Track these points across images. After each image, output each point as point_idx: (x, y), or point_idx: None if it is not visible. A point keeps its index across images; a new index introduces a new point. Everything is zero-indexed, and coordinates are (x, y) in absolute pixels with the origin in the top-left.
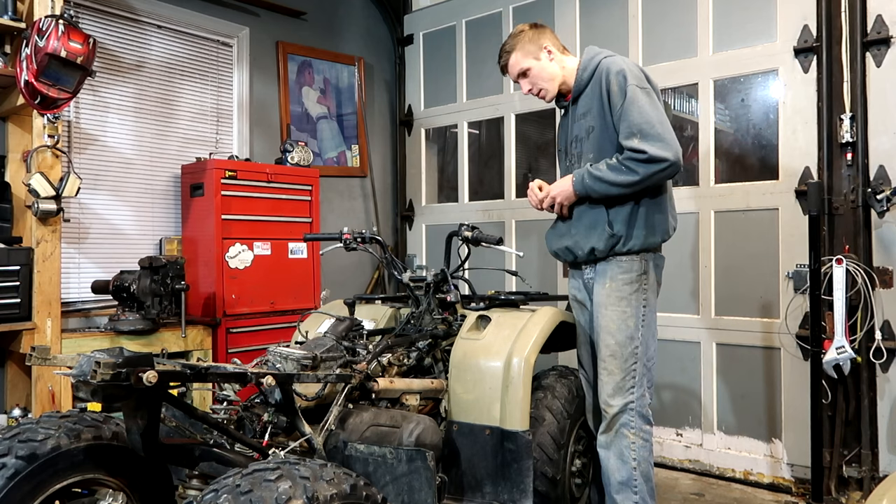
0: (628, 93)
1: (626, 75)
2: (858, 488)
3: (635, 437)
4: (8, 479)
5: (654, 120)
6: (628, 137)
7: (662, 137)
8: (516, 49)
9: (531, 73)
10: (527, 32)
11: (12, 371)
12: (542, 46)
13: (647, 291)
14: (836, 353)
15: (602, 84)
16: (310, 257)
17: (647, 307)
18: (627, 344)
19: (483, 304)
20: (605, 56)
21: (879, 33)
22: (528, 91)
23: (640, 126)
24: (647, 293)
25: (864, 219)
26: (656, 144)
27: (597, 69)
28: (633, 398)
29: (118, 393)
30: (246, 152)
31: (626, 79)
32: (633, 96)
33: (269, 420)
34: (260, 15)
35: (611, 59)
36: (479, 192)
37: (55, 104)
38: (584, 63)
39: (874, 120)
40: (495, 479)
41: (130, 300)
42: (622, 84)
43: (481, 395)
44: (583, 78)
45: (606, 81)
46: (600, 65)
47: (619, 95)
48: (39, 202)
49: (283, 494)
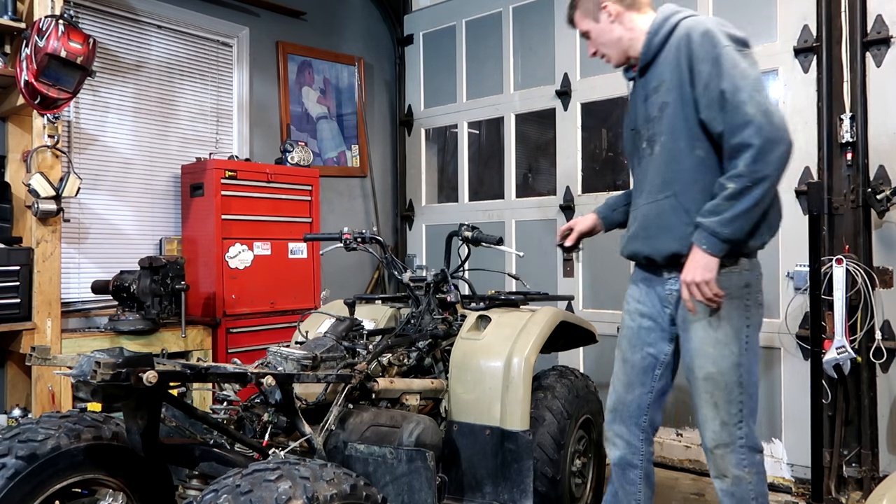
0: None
1: (716, 36)
2: (858, 488)
3: (751, 475)
4: (8, 479)
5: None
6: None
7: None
8: (578, 6)
9: (591, 35)
10: None
11: (12, 371)
12: (601, 5)
13: (751, 308)
14: (836, 353)
15: (682, 50)
16: (310, 257)
17: (749, 326)
18: (731, 373)
19: (483, 304)
20: (685, 16)
21: (879, 33)
22: (593, 54)
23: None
24: (749, 310)
25: (864, 219)
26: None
27: (673, 32)
28: (741, 433)
29: (118, 393)
30: (246, 152)
31: (717, 41)
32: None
33: (269, 420)
34: (260, 15)
35: (693, 18)
36: (479, 192)
37: (55, 104)
38: (655, 25)
39: (874, 120)
40: (495, 479)
41: (130, 300)
42: (710, 49)
43: (481, 395)
44: (653, 43)
45: (688, 48)
46: (678, 27)
47: (708, 62)
48: (39, 202)
49: (283, 494)
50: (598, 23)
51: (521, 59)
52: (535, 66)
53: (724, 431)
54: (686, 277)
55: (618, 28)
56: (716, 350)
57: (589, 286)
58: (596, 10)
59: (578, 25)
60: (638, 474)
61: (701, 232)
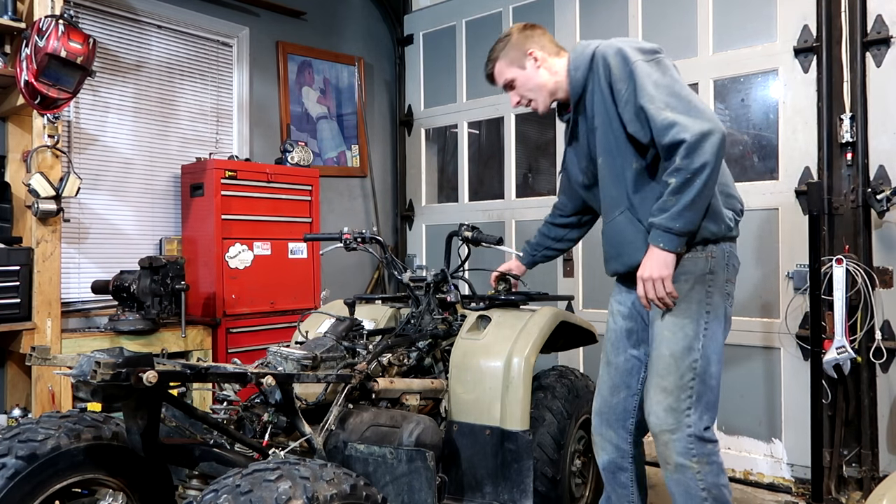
0: (636, 72)
1: (627, 54)
2: (858, 488)
3: (699, 465)
4: (8, 479)
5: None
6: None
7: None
8: (500, 57)
9: (517, 83)
10: (512, 36)
11: (12, 371)
12: (527, 52)
13: (713, 295)
14: (836, 353)
15: (601, 74)
16: (310, 257)
17: (710, 314)
18: (684, 356)
19: (483, 304)
20: (597, 44)
21: (879, 33)
22: (517, 103)
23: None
24: (711, 297)
25: (864, 219)
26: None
27: (592, 62)
28: (689, 421)
29: (118, 393)
30: (246, 152)
31: (628, 57)
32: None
33: (269, 420)
34: (260, 15)
35: (605, 43)
36: (479, 192)
37: (55, 104)
38: (573, 62)
39: (874, 120)
40: (495, 479)
41: (130, 300)
42: (623, 67)
43: (481, 395)
44: (577, 78)
45: (606, 70)
46: (594, 56)
47: (624, 80)
48: (39, 202)
49: (283, 494)
50: (524, 70)
51: None
52: None
53: (669, 416)
54: (643, 273)
55: (544, 73)
56: (671, 333)
57: (589, 286)
58: (522, 57)
59: (501, 76)
60: (629, 477)
61: (655, 231)
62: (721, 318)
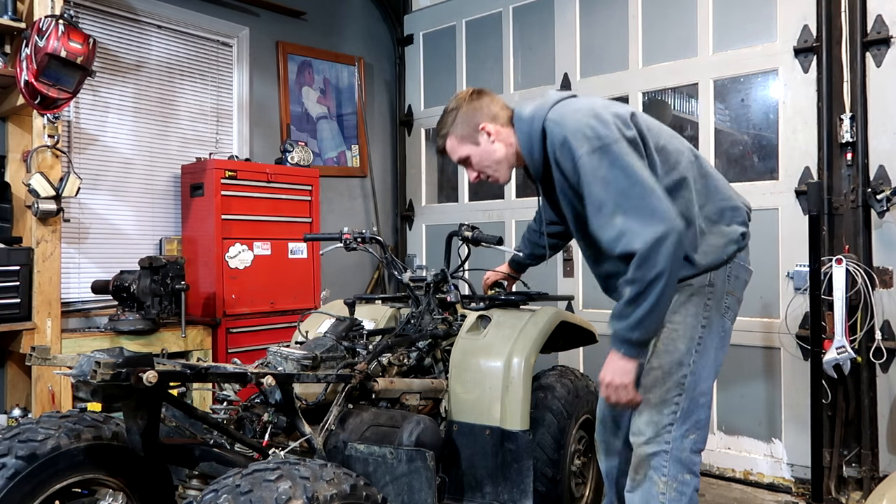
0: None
1: (572, 145)
2: (858, 488)
3: (666, 488)
4: (8, 479)
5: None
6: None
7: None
8: (451, 133)
9: (472, 160)
10: (461, 109)
11: (12, 371)
12: (479, 127)
13: (710, 309)
14: (836, 353)
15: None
16: (310, 257)
17: (705, 328)
18: (672, 371)
19: (483, 304)
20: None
21: (879, 33)
22: (476, 178)
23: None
24: (709, 311)
25: (864, 219)
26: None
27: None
28: (668, 437)
29: (118, 393)
30: (246, 152)
31: (573, 151)
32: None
33: (269, 420)
34: (260, 15)
35: (552, 121)
36: (479, 192)
37: (55, 104)
38: (523, 139)
39: (874, 120)
40: (495, 479)
41: (130, 300)
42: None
43: (481, 395)
44: (535, 158)
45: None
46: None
47: (572, 173)
48: (39, 202)
49: (283, 494)
50: (478, 146)
51: (521, 59)
52: (535, 66)
53: (648, 428)
54: (604, 377)
55: (499, 147)
56: (663, 345)
57: (589, 286)
58: (474, 133)
59: (455, 153)
60: None
61: (613, 337)
62: (717, 334)
